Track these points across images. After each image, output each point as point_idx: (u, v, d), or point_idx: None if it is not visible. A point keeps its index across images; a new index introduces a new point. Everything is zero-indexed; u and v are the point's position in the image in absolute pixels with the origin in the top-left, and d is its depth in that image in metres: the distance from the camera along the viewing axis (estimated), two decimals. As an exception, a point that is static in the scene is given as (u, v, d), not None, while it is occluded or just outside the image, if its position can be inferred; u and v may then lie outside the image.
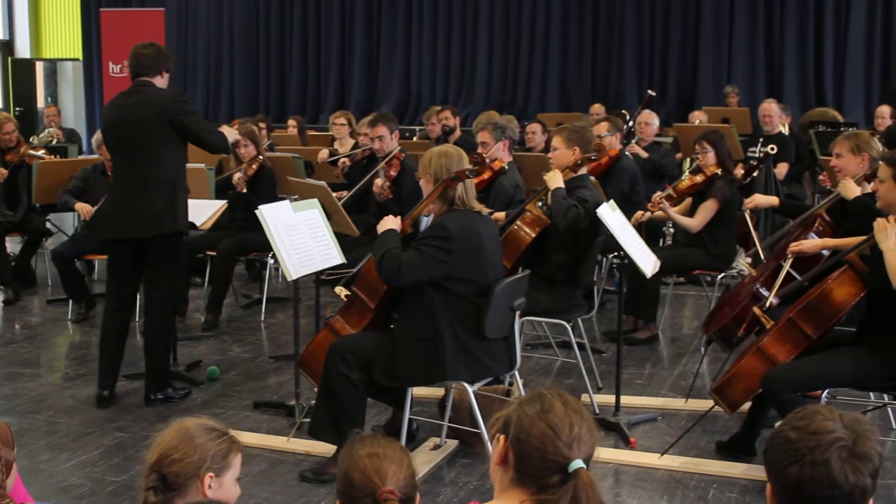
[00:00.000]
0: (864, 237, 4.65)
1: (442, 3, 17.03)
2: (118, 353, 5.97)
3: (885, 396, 5.12)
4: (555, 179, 5.88)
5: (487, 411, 4.72)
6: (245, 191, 7.80)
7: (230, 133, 6.23)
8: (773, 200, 6.30)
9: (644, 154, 9.28)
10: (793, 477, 1.96)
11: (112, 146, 5.96)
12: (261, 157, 7.96)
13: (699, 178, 7.06)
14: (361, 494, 2.27)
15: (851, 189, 5.37)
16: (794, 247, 5.20)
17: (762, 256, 5.68)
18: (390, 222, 4.85)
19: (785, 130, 10.60)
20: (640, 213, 6.99)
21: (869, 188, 5.31)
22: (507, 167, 6.92)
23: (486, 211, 4.87)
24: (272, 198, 7.59)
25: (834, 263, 4.75)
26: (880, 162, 4.73)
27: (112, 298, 6.00)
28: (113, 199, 5.95)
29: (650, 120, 9.61)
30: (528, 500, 2.15)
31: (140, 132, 5.69)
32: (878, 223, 4.46)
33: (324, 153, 9.51)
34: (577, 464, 2.13)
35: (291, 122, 11.76)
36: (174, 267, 6.01)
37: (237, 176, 7.85)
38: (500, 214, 6.21)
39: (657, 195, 6.94)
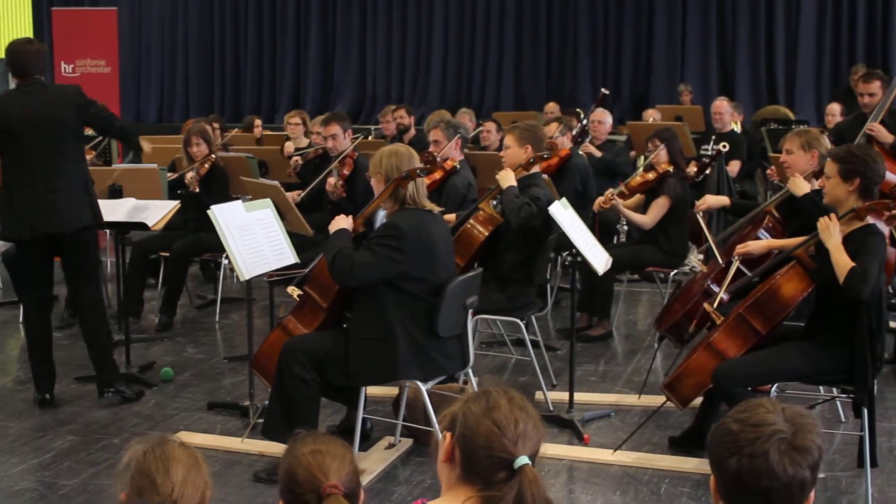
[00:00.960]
0: (809, 235, 4.71)
1: (397, 3, 17.03)
2: (46, 354, 5.93)
3: (834, 390, 5.18)
4: (507, 178, 5.90)
5: (441, 410, 4.72)
6: (198, 190, 7.75)
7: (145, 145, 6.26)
8: (724, 200, 6.35)
9: (598, 153, 9.33)
10: (733, 468, 1.99)
11: (12, 145, 5.66)
12: (213, 155, 7.92)
13: (651, 175, 7.11)
14: (305, 491, 2.27)
15: (801, 186, 5.44)
16: (741, 248, 5.25)
17: (716, 253, 5.73)
18: (342, 221, 4.85)
19: (737, 128, 10.71)
20: (601, 199, 7.01)
21: (817, 185, 5.37)
22: (458, 166, 6.93)
23: (437, 210, 4.88)
24: (225, 197, 7.55)
25: (782, 259, 4.82)
26: (827, 158, 4.78)
27: (31, 303, 5.96)
28: (21, 198, 5.69)
29: (603, 118, 9.66)
30: (475, 497, 2.16)
31: (50, 128, 5.61)
32: (822, 222, 4.51)
33: (290, 145, 9.48)
34: (523, 460, 2.14)
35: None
36: (97, 260, 5.99)
37: (189, 175, 7.80)
38: (451, 216, 6.19)
39: (609, 191, 6.99)
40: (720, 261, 5.50)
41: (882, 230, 6.80)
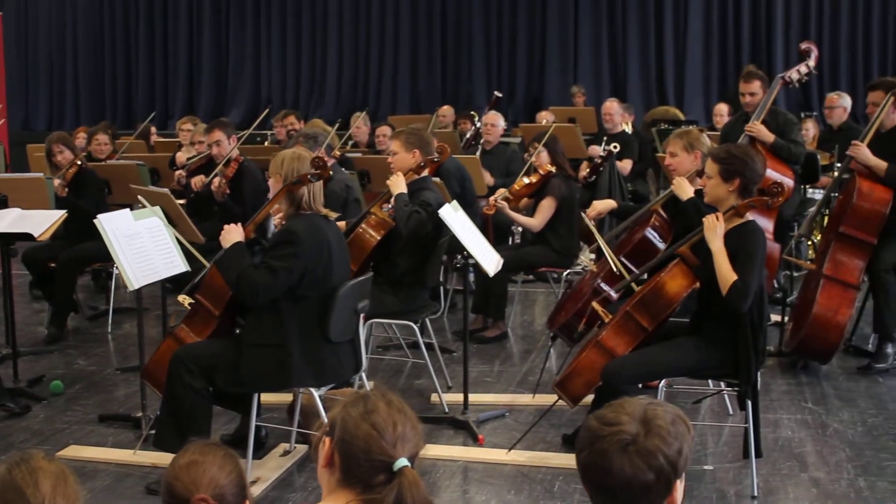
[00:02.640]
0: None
1: (290, 7, 16.93)
2: None
3: (722, 383, 5.32)
4: (397, 184, 5.92)
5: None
6: (65, 195, 7.59)
7: None
8: (611, 204, 6.39)
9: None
10: (581, 462, 2.04)
11: None
12: (78, 160, 7.78)
13: (534, 179, 7.21)
14: (180, 503, 2.27)
15: (685, 190, 5.55)
16: (592, 211, 5.60)
17: (606, 253, 5.81)
18: (234, 234, 4.75)
19: (628, 129, 10.88)
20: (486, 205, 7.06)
21: (699, 183, 5.49)
22: (332, 172, 6.84)
23: (333, 216, 4.88)
24: (99, 200, 7.45)
25: (668, 256, 4.92)
26: (707, 159, 4.89)
27: None
28: None
29: (496, 121, 9.73)
30: (355, 501, 2.17)
31: None
32: (708, 221, 4.61)
33: (181, 156, 9.35)
34: (402, 462, 2.16)
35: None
36: None
37: (56, 182, 7.64)
38: (342, 224, 6.16)
39: (493, 197, 7.04)
40: (613, 264, 5.56)
41: (766, 225, 7.05)
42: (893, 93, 6.49)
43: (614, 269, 5.46)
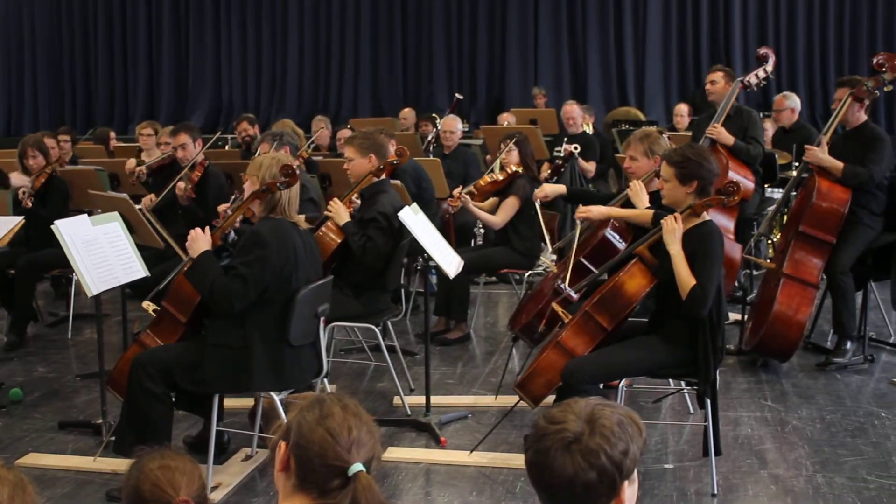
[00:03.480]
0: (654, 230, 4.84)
1: (250, 10, 16.87)
2: None
3: (683, 382, 5.36)
4: (340, 215, 5.90)
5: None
6: (30, 206, 7.51)
7: None
8: (561, 189, 6.41)
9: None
10: (527, 460, 2.05)
11: None
12: (49, 167, 7.70)
13: (500, 176, 7.22)
14: None
15: (641, 200, 5.59)
16: (581, 212, 5.40)
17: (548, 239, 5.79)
18: (201, 242, 4.72)
19: (589, 130, 10.93)
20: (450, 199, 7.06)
21: (656, 184, 5.53)
22: None
23: (303, 225, 4.88)
24: (63, 210, 7.36)
25: (626, 256, 4.94)
26: (663, 161, 4.92)
27: None
28: None
29: (454, 128, 9.67)
30: None
31: None
32: (667, 224, 4.65)
33: (130, 163, 9.28)
34: (357, 468, 2.16)
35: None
36: None
37: (21, 191, 7.56)
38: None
39: (458, 190, 7.04)
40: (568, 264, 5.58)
41: (727, 225, 7.11)
42: (853, 92, 6.56)
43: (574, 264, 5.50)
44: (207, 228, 4.84)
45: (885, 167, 6.55)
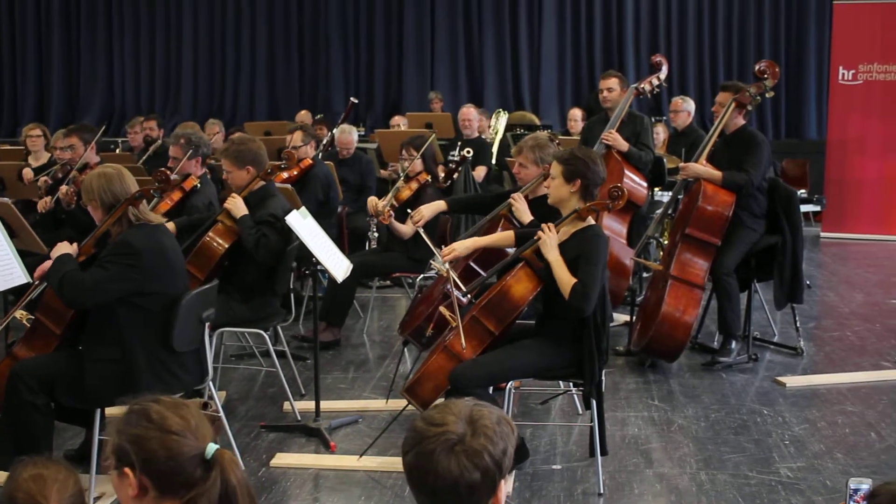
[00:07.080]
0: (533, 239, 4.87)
1: (143, 11, 16.58)
2: None
3: (571, 384, 5.41)
4: (237, 208, 5.78)
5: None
6: None
7: None
8: (440, 206, 6.32)
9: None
10: (406, 464, 2.05)
11: None
12: None
13: (414, 186, 7.24)
14: None
15: (524, 215, 5.67)
16: (447, 253, 5.20)
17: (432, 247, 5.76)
18: (64, 248, 4.65)
19: (486, 135, 10.98)
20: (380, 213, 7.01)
21: (545, 185, 5.59)
22: (199, 184, 6.67)
23: (163, 221, 4.81)
24: None
25: (513, 260, 4.98)
26: (553, 160, 4.98)
27: None
28: None
29: (349, 140, 9.57)
30: None
31: None
32: (542, 235, 4.72)
33: (28, 172, 8.96)
34: (212, 447, 2.15)
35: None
36: None
37: None
38: (171, 225, 5.92)
39: (382, 205, 6.89)
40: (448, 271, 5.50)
41: (619, 230, 7.21)
42: (736, 98, 6.70)
43: (460, 272, 5.49)
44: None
45: (764, 170, 6.72)
